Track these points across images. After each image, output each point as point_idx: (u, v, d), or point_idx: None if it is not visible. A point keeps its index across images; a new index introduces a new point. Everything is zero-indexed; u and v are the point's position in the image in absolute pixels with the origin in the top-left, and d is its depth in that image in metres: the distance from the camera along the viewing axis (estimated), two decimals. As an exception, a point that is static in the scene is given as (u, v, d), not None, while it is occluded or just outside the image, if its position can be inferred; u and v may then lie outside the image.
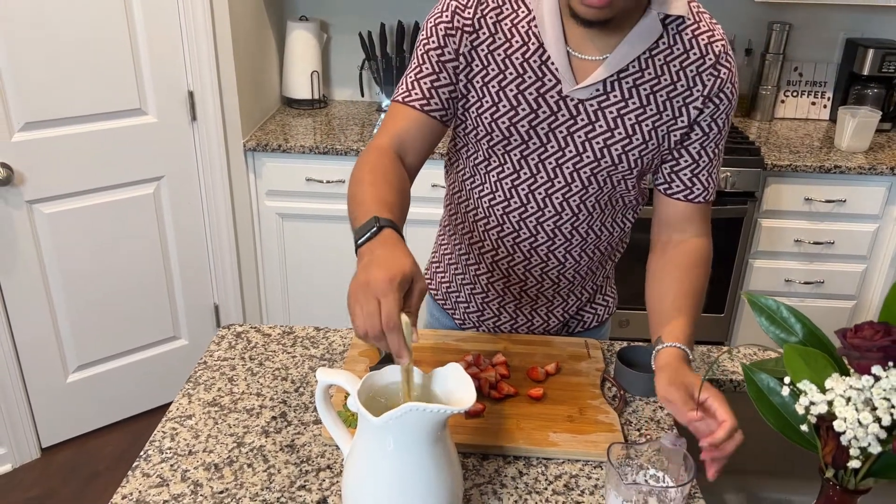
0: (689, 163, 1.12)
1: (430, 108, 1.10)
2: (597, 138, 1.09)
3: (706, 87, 1.07)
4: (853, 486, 0.76)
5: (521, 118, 1.09)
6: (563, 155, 1.11)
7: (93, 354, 2.38)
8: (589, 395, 1.12)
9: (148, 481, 0.96)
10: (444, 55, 1.09)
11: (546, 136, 1.10)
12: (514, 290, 1.26)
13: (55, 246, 2.19)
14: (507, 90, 1.08)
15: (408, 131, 1.10)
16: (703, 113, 1.08)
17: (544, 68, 1.06)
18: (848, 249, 2.54)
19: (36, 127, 2.06)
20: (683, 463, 0.88)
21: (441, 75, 1.10)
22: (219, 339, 1.27)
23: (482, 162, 1.17)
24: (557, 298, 1.28)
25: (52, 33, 2.01)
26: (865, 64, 2.70)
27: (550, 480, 0.98)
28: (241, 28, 2.41)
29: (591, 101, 1.07)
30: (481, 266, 1.26)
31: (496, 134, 1.11)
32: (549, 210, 1.15)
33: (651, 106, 1.07)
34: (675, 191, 1.15)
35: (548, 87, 1.07)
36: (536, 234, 1.18)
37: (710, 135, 1.11)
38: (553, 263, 1.22)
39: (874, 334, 0.71)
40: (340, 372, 0.83)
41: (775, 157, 2.44)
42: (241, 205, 2.52)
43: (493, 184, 1.17)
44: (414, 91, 1.10)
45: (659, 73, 1.06)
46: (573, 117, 1.08)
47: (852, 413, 0.69)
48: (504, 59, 1.07)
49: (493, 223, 1.20)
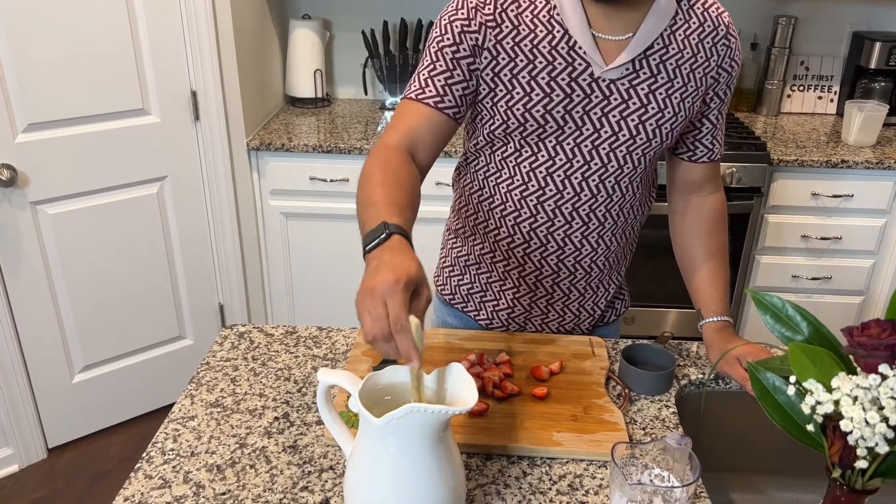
0: (710, 128, 1.21)
1: (444, 105, 1.10)
2: (631, 116, 1.11)
3: (720, 57, 1.14)
4: (860, 486, 0.75)
5: (556, 104, 1.10)
6: (598, 136, 1.13)
7: (98, 355, 2.39)
8: (593, 393, 1.11)
9: (150, 483, 0.95)
10: (458, 52, 1.09)
11: (581, 119, 1.11)
12: (546, 282, 1.26)
13: (59, 247, 2.19)
14: (539, 79, 1.09)
15: (420, 129, 1.10)
16: (720, 82, 1.16)
17: (573, 53, 1.08)
18: (855, 244, 2.52)
19: (39, 128, 2.07)
20: (689, 462, 0.87)
21: (455, 72, 1.10)
22: (221, 340, 1.27)
23: (512, 154, 1.16)
24: (588, 290, 1.29)
25: (55, 34, 2.01)
26: (872, 57, 2.68)
27: (554, 480, 0.97)
28: (244, 27, 2.40)
29: (623, 81, 1.10)
30: (511, 261, 1.25)
31: (530, 123, 1.11)
32: (585, 194, 1.17)
33: (678, 79, 1.11)
34: (700, 155, 1.23)
35: (579, 71, 1.09)
36: (571, 221, 1.19)
37: (725, 100, 1.19)
38: (586, 250, 1.23)
39: (881, 332, 0.70)
40: (342, 372, 0.83)
41: (782, 152, 2.43)
42: (244, 204, 2.52)
43: (524, 174, 1.17)
44: (428, 88, 1.10)
45: (682, 48, 1.11)
46: (606, 97, 1.10)
47: (859, 412, 0.68)
48: (532, 49, 1.08)
49: (525, 215, 1.20)
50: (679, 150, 1.23)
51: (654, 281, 2.57)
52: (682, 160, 1.24)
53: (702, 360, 1.24)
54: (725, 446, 1.22)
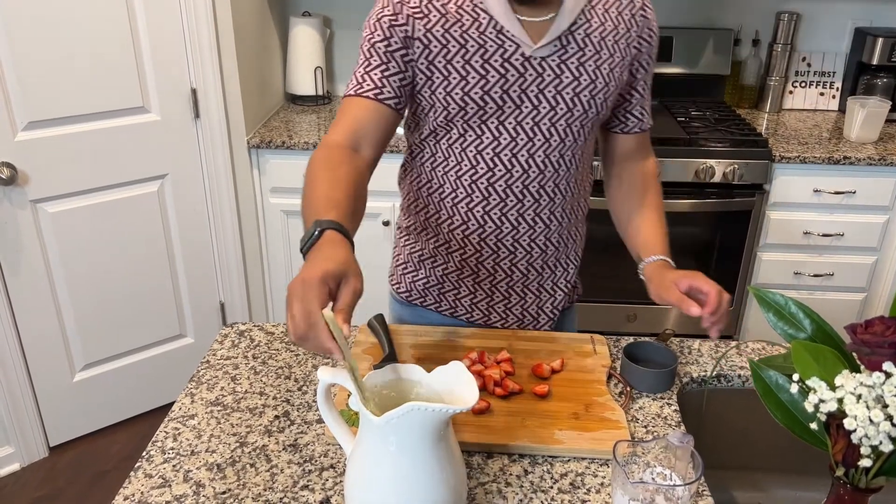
0: (639, 99, 1.26)
1: (384, 96, 1.13)
2: (566, 89, 1.15)
3: (640, 28, 1.19)
4: (864, 484, 0.75)
5: (493, 85, 1.12)
6: (538, 112, 1.16)
7: (99, 353, 2.39)
8: (595, 391, 1.11)
9: (150, 482, 0.95)
10: (391, 45, 1.12)
11: (520, 98, 1.14)
12: (504, 264, 1.28)
13: (60, 245, 2.19)
14: (473, 62, 1.11)
15: (363, 122, 1.12)
16: (642, 51, 1.21)
17: (502, 37, 1.11)
18: (858, 241, 2.51)
19: (39, 126, 2.06)
20: (691, 460, 0.87)
21: (390, 65, 1.13)
22: (222, 338, 1.27)
23: (457, 140, 1.19)
24: (546, 269, 1.31)
25: (55, 32, 2.00)
26: (875, 53, 2.67)
27: (556, 479, 0.96)
28: (244, 24, 2.40)
29: (553, 57, 1.13)
30: (468, 248, 1.27)
31: (470, 106, 1.14)
32: (533, 170, 1.19)
33: (604, 51, 1.16)
34: (631, 126, 1.28)
35: (510, 52, 1.12)
36: (522, 199, 1.21)
37: (649, 70, 1.25)
38: (539, 227, 1.25)
39: (885, 330, 0.70)
40: (342, 371, 0.83)
41: (784, 149, 2.42)
42: (245, 202, 2.51)
43: (471, 158, 1.19)
44: (366, 83, 1.13)
45: (603, 21, 1.15)
46: (540, 74, 1.14)
47: (863, 411, 0.68)
48: (461, 35, 1.11)
49: (476, 199, 1.22)
50: (612, 125, 1.29)
51: (656, 278, 2.56)
52: (616, 133, 1.29)
53: (703, 357, 1.24)
54: (728, 444, 1.22)
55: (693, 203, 2.43)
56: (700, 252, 2.54)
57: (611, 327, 2.61)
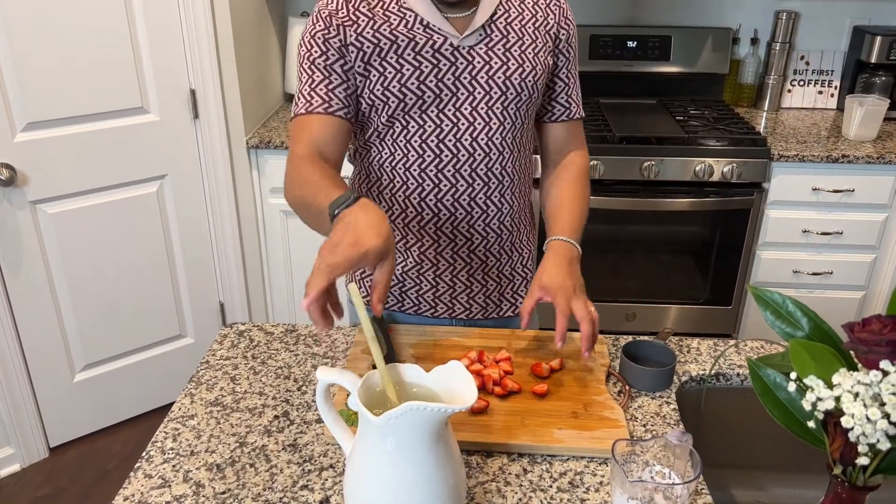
0: (563, 87, 1.32)
1: (333, 108, 1.18)
2: (497, 74, 1.21)
3: (556, 16, 1.27)
4: (862, 482, 0.75)
5: (427, 74, 1.18)
6: (473, 98, 1.21)
7: (99, 354, 2.39)
8: (594, 390, 1.11)
9: (150, 482, 0.95)
10: (328, 59, 1.17)
11: (455, 86, 1.20)
12: (462, 253, 1.31)
13: (60, 246, 2.19)
14: (405, 55, 1.17)
15: (320, 137, 1.17)
16: (560, 40, 1.28)
17: (429, 31, 1.18)
18: (857, 239, 2.51)
19: (38, 127, 2.06)
20: (689, 459, 0.87)
21: (332, 77, 1.18)
22: (221, 339, 1.27)
23: (401, 133, 1.23)
24: (503, 255, 1.35)
25: (54, 33, 2.00)
26: (873, 52, 2.67)
27: (555, 478, 0.97)
28: (242, 25, 2.40)
29: (480, 45, 1.20)
30: (425, 240, 1.29)
31: (409, 97, 1.19)
32: (478, 153, 1.24)
33: (527, 36, 1.23)
34: (558, 114, 1.34)
35: (439, 44, 1.18)
36: (472, 182, 1.26)
37: (571, 58, 1.32)
38: (492, 211, 1.29)
39: (882, 328, 0.70)
40: (341, 371, 0.83)
41: (782, 147, 2.42)
42: (244, 202, 2.51)
43: (417, 148, 1.23)
44: (314, 100, 1.18)
45: (521, 10, 1.24)
46: (470, 62, 1.20)
47: (860, 409, 0.68)
48: (391, 33, 1.17)
49: (428, 187, 1.25)
50: (540, 115, 1.35)
51: (654, 277, 2.56)
52: (545, 122, 1.35)
53: (702, 356, 1.24)
54: (726, 443, 1.22)
55: (692, 202, 2.44)
56: (699, 251, 2.54)
57: (610, 326, 2.61)
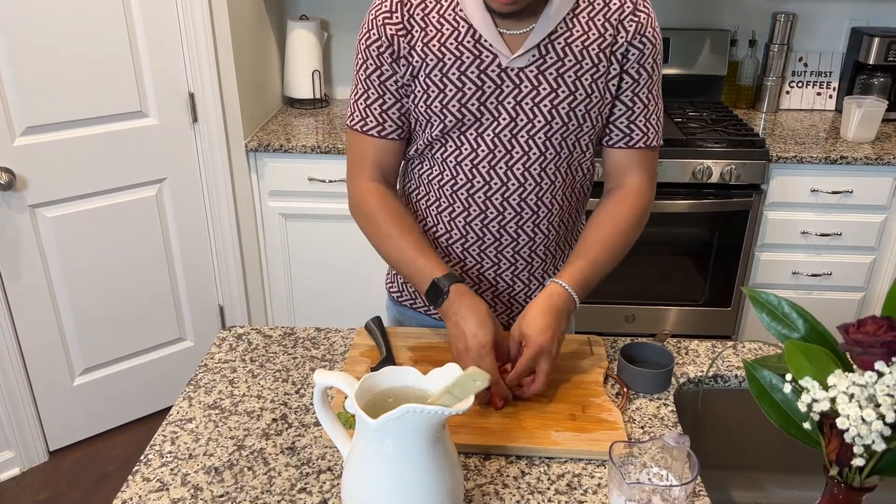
0: (624, 111, 1.18)
1: (387, 131, 1.18)
2: (543, 101, 1.13)
3: (629, 34, 1.12)
4: (858, 483, 0.75)
5: (470, 97, 1.13)
6: (515, 125, 1.14)
7: (99, 357, 2.39)
8: (592, 392, 1.11)
9: (148, 486, 0.95)
10: (382, 74, 1.15)
11: (497, 110, 1.14)
12: (488, 275, 1.28)
13: (59, 250, 2.20)
14: (450, 74, 1.12)
15: (378, 159, 1.20)
16: (629, 60, 1.14)
17: (479, 46, 1.11)
18: (855, 241, 2.52)
19: (37, 131, 2.07)
20: (687, 460, 0.87)
21: (386, 97, 1.16)
22: (219, 342, 1.27)
23: (438, 150, 1.20)
24: (533, 281, 1.30)
25: (53, 37, 2.01)
26: (871, 53, 2.67)
27: (553, 480, 0.97)
28: (241, 28, 2.40)
29: (531, 68, 1.11)
30: (451, 257, 1.27)
31: (449, 119, 1.15)
32: (512, 183, 1.18)
33: (586, 60, 1.12)
34: (615, 140, 1.20)
35: (487, 63, 1.11)
36: (503, 211, 1.21)
37: (641, 81, 1.16)
38: (524, 240, 1.24)
39: (877, 329, 0.70)
40: (338, 374, 0.83)
41: (781, 149, 2.42)
42: (243, 205, 2.52)
43: (452, 169, 1.20)
44: (369, 119, 1.18)
45: (586, 29, 1.11)
46: (517, 86, 1.12)
47: (856, 410, 0.68)
48: (440, 48, 1.11)
49: (458, 209, 1.22)
50: (600, 136, 1.22)
51: (653, 279, 2.57)
52: (603, 146, 1.24)
53: (700, 357, 1.24)
54: (724, 444, 1.22)
55: (690, 203, 2.44)
56: (698, 253, 2.54)
57: (608, 328, 2.61)
